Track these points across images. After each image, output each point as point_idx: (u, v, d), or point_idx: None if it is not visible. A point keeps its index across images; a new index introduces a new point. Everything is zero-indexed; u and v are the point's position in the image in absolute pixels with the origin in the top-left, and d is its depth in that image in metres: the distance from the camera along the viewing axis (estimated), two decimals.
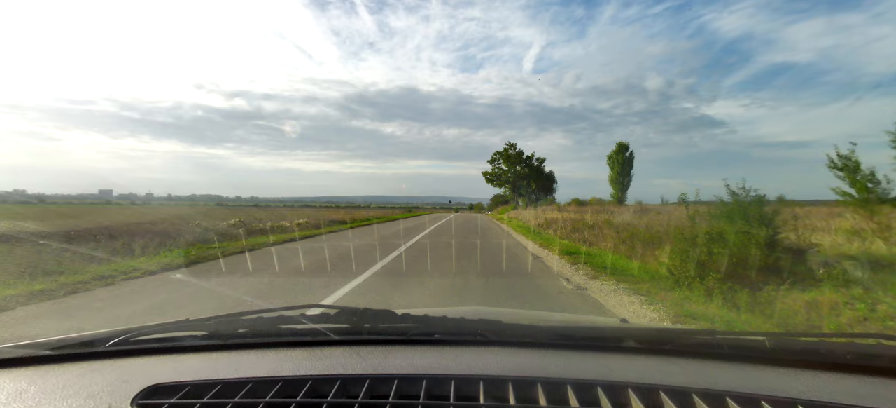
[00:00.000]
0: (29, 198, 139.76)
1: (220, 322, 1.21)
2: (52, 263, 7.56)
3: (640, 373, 0.92)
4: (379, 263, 8.73)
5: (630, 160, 50.84)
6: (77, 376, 0.97)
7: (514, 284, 6.74)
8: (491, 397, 0.84)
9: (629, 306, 5.43)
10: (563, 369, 0.95)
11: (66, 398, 0.87)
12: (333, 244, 12.18)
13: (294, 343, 1.13)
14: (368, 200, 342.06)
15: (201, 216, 19.91)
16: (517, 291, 6.23)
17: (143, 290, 6.15)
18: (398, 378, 0.90)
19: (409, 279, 6.92)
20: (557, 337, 1.12)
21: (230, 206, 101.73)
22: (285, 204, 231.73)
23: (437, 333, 1.14)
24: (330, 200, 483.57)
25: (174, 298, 5.62)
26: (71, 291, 5.94)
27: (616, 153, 51.73)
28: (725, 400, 0.80)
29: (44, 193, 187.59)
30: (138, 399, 0.86)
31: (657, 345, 1.09)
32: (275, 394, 0.86)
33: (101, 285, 6.33)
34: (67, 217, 18.69)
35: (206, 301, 5.50)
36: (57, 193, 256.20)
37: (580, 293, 6.16)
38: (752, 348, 1.03)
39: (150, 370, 0.99)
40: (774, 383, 0.88)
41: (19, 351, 1.07)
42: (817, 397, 0.82)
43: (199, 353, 1.11)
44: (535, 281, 7.06)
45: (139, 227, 13.46)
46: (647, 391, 0.84)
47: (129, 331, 1.13)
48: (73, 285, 6.20)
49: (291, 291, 6.00)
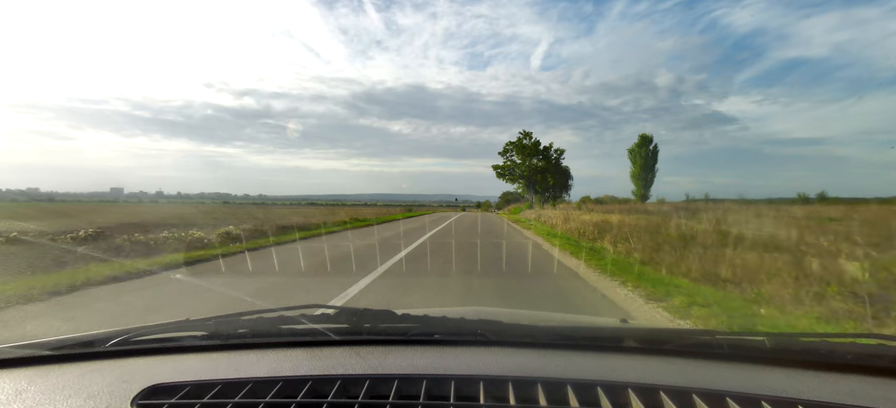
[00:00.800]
0: (40, 196, 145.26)
1: (220, 322, 1.21)
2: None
3: (640, 373, 0.92)
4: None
5: (654, 154, 46.94)
6: (77, 376, 0.98)
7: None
8: (491, 397, 0.85)
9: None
10: (563, 369, 0.96)
11: (66, 398, 0.87)
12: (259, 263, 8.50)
13: (294, 343, 1.12)
14: (375, 199, 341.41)
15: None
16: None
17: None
18: (398, 378, 0.90)
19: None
20: (557, 337, 1.13)
21: (235, 204, 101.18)
22: (291, 202, 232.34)
23: (437, 333, 1.14)
24: (336, 198, 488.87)
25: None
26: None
27: (638, 147, 47.32)
28: (725, 400, 0.80)
29: (56, 192, 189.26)
30: (138, 399, 0.86)
31: (657, 345, 1.09)
32: (275, 394, 0.86)
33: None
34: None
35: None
36: (68, 192, 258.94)
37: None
38: (752, 349, 1.03)
39: (150, 370, 0.99)
40: (774, 383, 0.88)
41: (19, 351, 1.07)
42: (817, 397, 0.82)
43: (199, 353, 1.11)
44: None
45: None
46: (647, 391, 0.84)
47: (128, 331, 1.13)
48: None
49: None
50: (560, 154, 49.19)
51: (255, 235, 13.37)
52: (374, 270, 7.54)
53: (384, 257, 9.08)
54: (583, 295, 6.01)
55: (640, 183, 46.59)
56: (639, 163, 46.66)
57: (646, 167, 46.51)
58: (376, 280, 6.69)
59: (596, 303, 5.60)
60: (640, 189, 46.47)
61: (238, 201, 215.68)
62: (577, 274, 7.66)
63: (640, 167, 46.53)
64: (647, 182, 46.47)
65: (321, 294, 5.82)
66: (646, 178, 46.45)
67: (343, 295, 5.80)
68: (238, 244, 11.17)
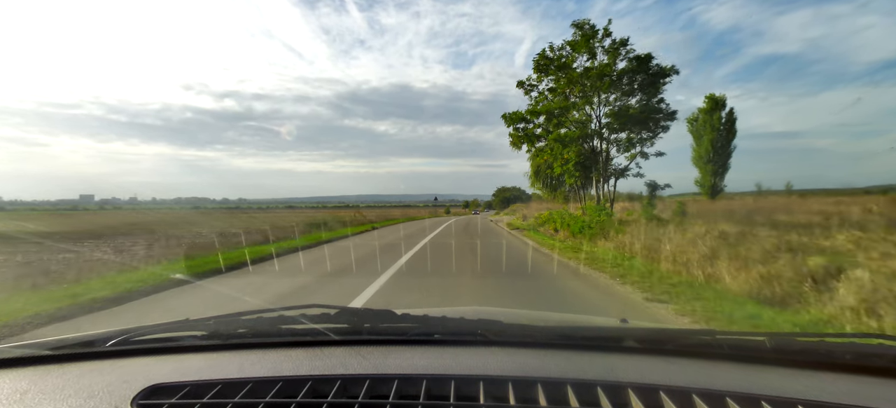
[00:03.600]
0: (3, 204, 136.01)
1: (220, 322, 1.22)
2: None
3: (640, 373, 0.93)
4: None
5: (731, 126, 30.54)
6: (77, 376, 0.98)
7: None
8: (491, 397, 0.85)
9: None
10: (563, 369, 0.96)
11: (66, 398, 0.88)
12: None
13: (294, 343, 1.13)
14: (361, 200, 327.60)
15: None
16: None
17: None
18: (398, 378, 0.90)
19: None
20: (557, 337, 1.13)
21: (207, 208, 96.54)
22: (269, 206, 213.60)
23: (436, 333, 1.14)
24: (320, 200, 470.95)
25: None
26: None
27: (707, 112, 31.35)
28: (725, 400, 0.81)
29: (19, 199, 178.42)
30: (138, 399, 0.86)
31: (657, 345, 1.09)
32: (275, 394, 0.86)
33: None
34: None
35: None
36: (36, 200, 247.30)
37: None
38: (753, 348, 1.03)
39: (150, 370, 1.00)
40: (774, 383, 0.89)
41: (19, 351, 1.08)
42: (817, 397, 0.82)
43: (199, 353, 1.11)
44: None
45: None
46: (647, 391, 0.84)
47: (128, 331, 1.14)
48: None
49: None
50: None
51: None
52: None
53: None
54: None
55: (709, 170, 29.82)
56: (707, 139, 29.81)
57: (721, 145, 29.66)
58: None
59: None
60: (709, 180, 29.71)
61: (211, 206, 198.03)
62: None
63: (709, 145, 29.70)
64: (723, 168, 29.69)
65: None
66: (719, 161, 29.68)
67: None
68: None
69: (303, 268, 9.11)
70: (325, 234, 17.84)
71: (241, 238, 14.03)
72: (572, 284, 7.31)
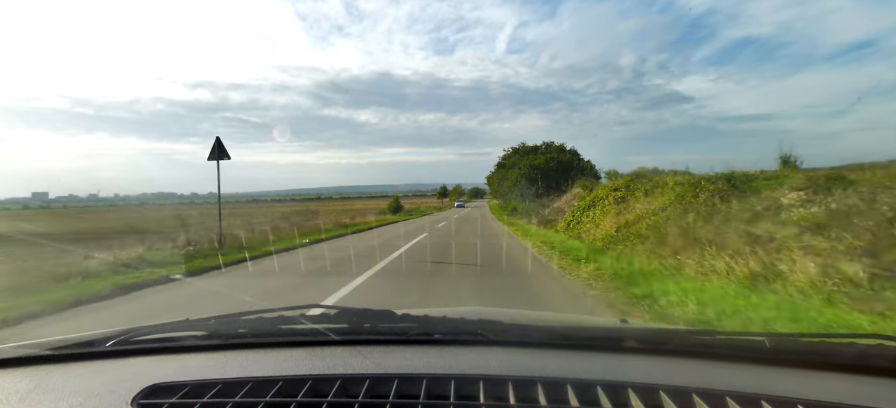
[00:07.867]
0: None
1: (221, 322, 1.23)
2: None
3: (640, 373, 0.93)
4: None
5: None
6: (77, 376, 0.99)
7: None
8: (491, 396, 0.85)
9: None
10: (563, 369, 0.96)
11: (66, 398, 0.88)
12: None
13: (294, 343, 1.13)
14: (344, 191, 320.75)
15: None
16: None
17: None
18: (398, 378, 0.90)
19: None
20: (557, 337, 1.14)
21: (172, 204, 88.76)
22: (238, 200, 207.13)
23: (437, 333, 1.14)
24: (302, 192, 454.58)
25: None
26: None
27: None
28: (725, 400, 0.81)
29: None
30: (138, 399, 0.86)
31: (657, 345, 1.10)
32: (275, 393, 0.87)
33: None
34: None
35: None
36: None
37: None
38: (752, 348, 1.03)
39: (150, 370, 1.00)
40: (774, 383, 0.88)
41: (19, 351, 1.09)
42: (817, 397, 0.82)
43: (199, 353, 1.12)
44: None
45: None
46: (647, 391, 0.84)
47: (128, 331, 1.14)
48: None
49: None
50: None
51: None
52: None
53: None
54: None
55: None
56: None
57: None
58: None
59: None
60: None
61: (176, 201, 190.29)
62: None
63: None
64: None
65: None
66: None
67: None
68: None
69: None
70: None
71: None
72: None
